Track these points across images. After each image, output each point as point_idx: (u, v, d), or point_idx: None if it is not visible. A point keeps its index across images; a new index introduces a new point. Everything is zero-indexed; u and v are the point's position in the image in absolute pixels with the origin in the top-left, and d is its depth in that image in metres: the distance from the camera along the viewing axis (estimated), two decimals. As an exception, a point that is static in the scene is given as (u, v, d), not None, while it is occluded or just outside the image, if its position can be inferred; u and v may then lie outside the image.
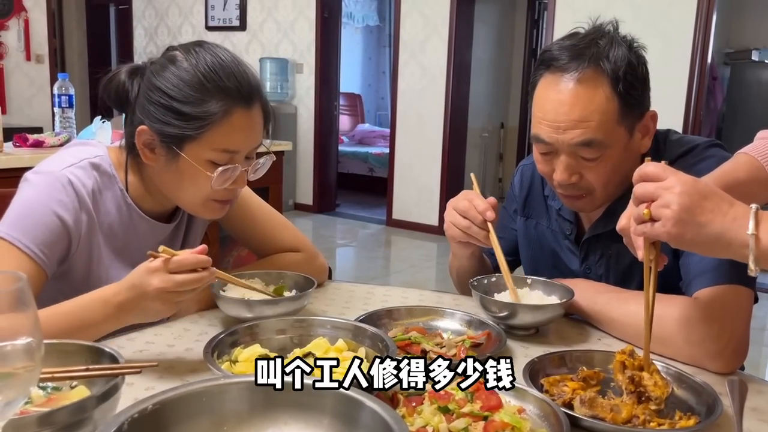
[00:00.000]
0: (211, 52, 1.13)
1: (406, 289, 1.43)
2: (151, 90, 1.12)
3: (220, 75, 1.10)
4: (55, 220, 1.10)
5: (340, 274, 5.20)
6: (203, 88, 1.09)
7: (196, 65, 1.11)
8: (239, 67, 1.14)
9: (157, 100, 1.11)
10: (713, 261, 1.09)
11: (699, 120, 5.00)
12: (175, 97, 1.10)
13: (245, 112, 1.12)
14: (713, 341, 1.04)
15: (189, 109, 1.09)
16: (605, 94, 1.13)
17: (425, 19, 6.15)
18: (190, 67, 1.11)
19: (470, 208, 1.24)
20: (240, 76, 1.12)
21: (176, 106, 1.09)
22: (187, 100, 1.09)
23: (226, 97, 1.10)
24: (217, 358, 0.90)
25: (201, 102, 1.09)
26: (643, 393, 0.87)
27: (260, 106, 1.16)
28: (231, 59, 1.14)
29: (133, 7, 8.34)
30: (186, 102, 1.09)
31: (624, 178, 1.23)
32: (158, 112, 1.11)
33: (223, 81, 1.10)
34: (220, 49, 1.15)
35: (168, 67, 1.12)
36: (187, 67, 1.11)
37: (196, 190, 1.15)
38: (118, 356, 0.78)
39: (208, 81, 1.09)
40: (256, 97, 1.14)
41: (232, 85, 1.10)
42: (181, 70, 1.11)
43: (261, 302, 1.11)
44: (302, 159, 7.12)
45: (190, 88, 1.09)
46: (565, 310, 1.18)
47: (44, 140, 2.59)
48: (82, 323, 0.97)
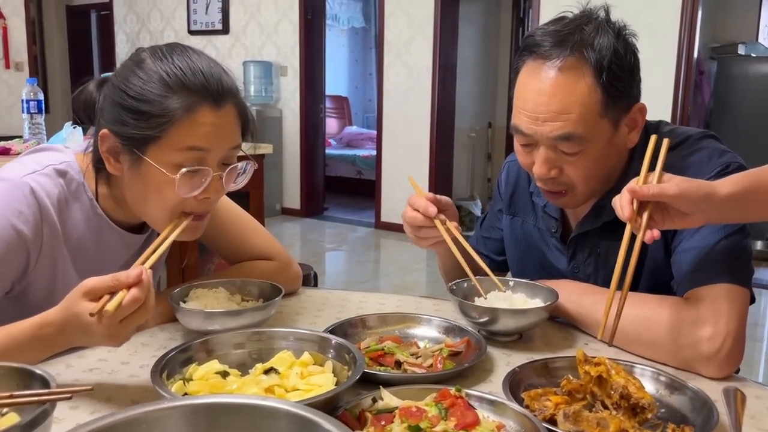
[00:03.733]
0: (180, 52, 1.05)
1: (384, 295, 1.36)
2: (112, 93, 1.04)
3: (184, 72, 1.01)
4: (11, 233, 1.00)
5: (330, 279, 5.12)
6: (164, 86, 1.00)
7: (159, 64, 1.02)
8: (211, 67, 1.04)
9: (118, 101, 1.02)
10: (707, 258, 1.03)
11: (687, 115, 4.96)
12: (134, 96, 1.01)
13: (213, 111, 1.01)
14: (706, 344, 0.97)
15: (148, 107, 1.00)
16: (587, 84, 1.06)
17: (409, 18, 6.09)
18: (154, 66, 1.02)
19: (412, 212, 1.19)
20: (208, 75, 1.02)
21: (136, 105, 1.00)
22: (146, 98, 1.00)
23: (191, 95, 1.00)
24: (167, 378, 0.82)
25: (161, 99, 0.99)
26: (636, 404, 0.80)
27: (234, 108, 1.05)
28: (200, 59, 1.05)
29: (114, 13, 8.23)
30: (145, 100, 1.00)
31: (609, 173, 1.16)
32: (118, 113, 1.02)
33: (187, 77, 1.01)
34: (194, 51, 1.06)
35: (132, 69, 1.03)
36: (151, 67, 1.02)
37: (162, 201, 1.03)
38: (50, 380, 0.70)
39: (170, 77, 1.00)
40: (227, 98, 1.03)
41: (197, 82, 1.01)
42: (144, 71, 1.02)
43: (223, 314, 1.04)
44: (288, 163, 7.04)
45: (151, 86, 1.00)
46: (549, 314, 1.11)
47: (11, 147, 2.50)
48: (9, 357, 0.86)
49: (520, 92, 1.12)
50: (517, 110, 1.12)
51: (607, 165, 1.14)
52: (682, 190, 0.87)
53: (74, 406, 0.84)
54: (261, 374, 0.87)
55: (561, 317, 1.19)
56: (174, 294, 1.09)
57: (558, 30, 1.08)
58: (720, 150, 1.12)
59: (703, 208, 0.90)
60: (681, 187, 0.87)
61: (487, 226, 1.48)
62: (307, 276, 3.34)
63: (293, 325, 1.17)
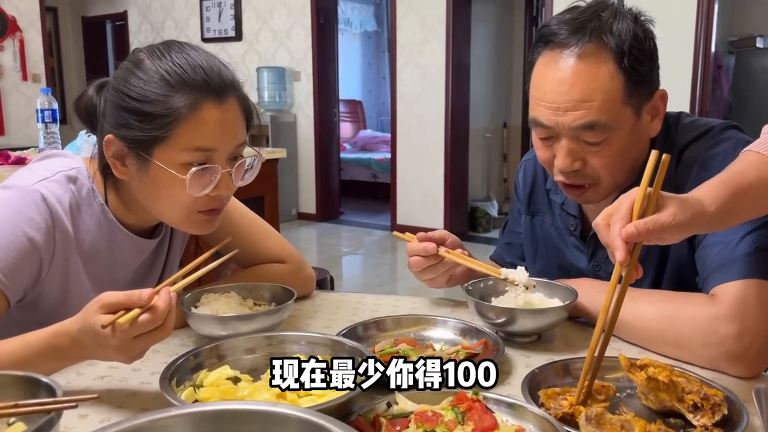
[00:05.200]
0: (177, 49, 1.03)
1: (399, 297, 1.33)
2: (114, 96, 1.02)
3: (184, 69, 0.99)
4: (24, 240, 0.99)
5: (347, 282, 5.11)
6: (166, 85, 0.99)
7: (158, 63, 1.01)
8: (210, 61, 1.03)
9: (120, 104, 1.01)
10: (733, 253, 0.99)
11: (705, 110, 4.88)
12: (136, 98, 0.99)
13: (217, 106, 1.00)
14: (734, 342, 0.94)
15: (152, 108, 0.98)
16: (609, 70, 1.03)
17: (422, 20, 6.07)
18: (153, 65, 1.01)
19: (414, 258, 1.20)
20: (209, 70, 1.01)
21: (139, 107, 0.99)
22: (148, 99, 0.98)
23: (193, 91, 0.99)
24: (177, 385, 0.80)
25: (164, 99, 0.98)
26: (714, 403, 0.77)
27: (237, 101, 1.04)
28: (199, 54, 1.03)
29: (129, 23, 8.32)
30: (148, 101, 0.98)
31: (632, 164, 1.12)
32: (121, 116, 1.01)
33: (188, 74, 0.99)
34: (191, 47, 1.05)
35: (131, 70, 1.02)
36: (150, 66, 1.01)
37: (175, 201, 1.03)
38: (57, 388, 0.68)
39: (171, 76, 0.99)
40: (229, 92, 1.03)
41: (198, 78, 0.99)
42: (144, 71, 1.01)
43: (235, 318, 1.02)
44: (303, 168, 7.05)
45: (153, 86, 0.99)
46: (568, 313, 1.08)
47: (26, 157, 2.51)
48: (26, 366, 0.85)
49: (538, 83, 1.09)
50: (535, 102, 1.09)
51: (631, 155, 1.10)
52: (678, 221, 0.78)
53: (84, 415, 0.83)
54: (273, 379, 0.85)
55: (581, 317, 1.15)
56: (185, 299, 1.08)
57: (574, 18, 1.06)
58: (744, 140, 1.08)
59: (696, 230, 0.85)
60: (677, 219, 0.78)
61: (509, 232, 1.45)
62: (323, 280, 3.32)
63: (307, 328, 1.15)
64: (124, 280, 1.18)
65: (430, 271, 1.20)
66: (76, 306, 1.02)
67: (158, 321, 0.82)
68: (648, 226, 0.77)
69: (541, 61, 1.08)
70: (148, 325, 0.81)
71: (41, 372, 0.84)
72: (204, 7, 7.47)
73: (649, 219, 0.77)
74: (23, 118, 6.65)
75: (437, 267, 1.20)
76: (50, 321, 0.90)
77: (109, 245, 1.13)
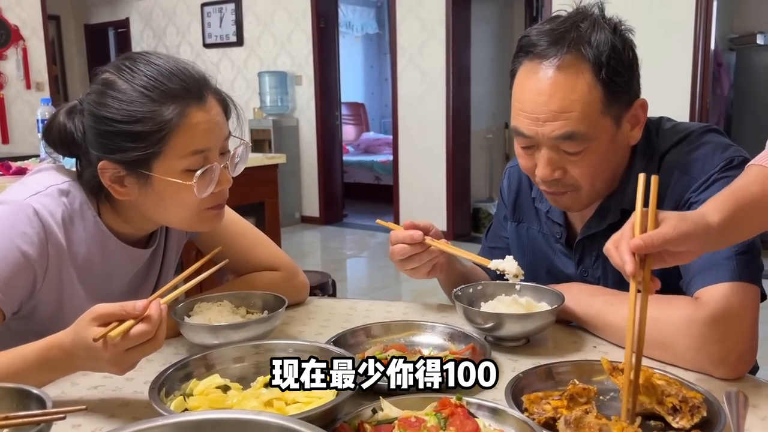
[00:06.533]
0: (143, 60, 1.05)
1: (390, 303, 1.35)
2: (96, 123, 1.04)
3: (160, 80, 1.02)
4: (17, 254, 1.01)
5: (351, 285, 5.12)
6: (149, 100, 1.01)
7: (132, 80, 1.02)
8: (178, 65, 1.06)
9: (107, 131, 1.03)
10: (715, 257, 1.00)
11: (706, 108, 4.87)
12: (122, 120, 1.01)
13: (200, 108, 1.04)
14: (717, 345, 0.95)
15: (142, 127, 1.01)
16: (587, 81, 1.05)
17: (422, 22, 6.08)
18: (127, 84, 1.02)
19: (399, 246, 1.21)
20: (182, 74, 1.04)
21: (128, 129, 1.01)
22: (136, 119, 1.01)
23: (176, 100, 1.02)
24: (166, 395, 0.82)
25: (152, 115, 1.01)
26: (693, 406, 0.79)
27: (214, 97, 1.08)
28: (166, 61, 1.06)
29: (131, 30, 8.37)
30: (136, 121, 1.01)
31: (614, 172, 1.14)
32: (112, 142, 1.03)
33: (165, 85, 1.02)
34: (153, 55, 1.07)
35: (105, 93, 1.03)
36: (124, 86, 1.02)
37: (184, 206, 1.07)
38: (47, 400, 0.71)
39: (151, 91, 1.01)
40: (206, 90, 1.06)
41: (177, 86, 1.03)
42: (120, 92, 1.02)
43: (226, 327, 1.03)
44: (306, 171, 7.07)
45: (135, 105, 1.01)
46: (556, 317, 1.09)
47: (27, 167, 2.54)
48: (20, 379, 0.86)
49: (519, 94, 1.11)
50: (516, 112, 1.11)
51: (612, 164, 1.12)
52: (680, 232, 0.81)
53: (76, 424, 0.84)
54: (261, 387, 0.87)
55: (572, 321, 1.17)
56: (178, 309, 1.10)
57: (553, 29, 1.07)
58: (723, 144, 1.10)
59: (701, 244, 0.86)
60: (679, 230, 0.81)
61: (494, 236, 1.46)
62: (325, 284, 3.34)
63: (300, 335, 1.17)
64: (119, 291, 1.20)
65: (413, 260, 1.20)
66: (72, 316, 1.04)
67: (150, 333, 0.84)
68: (651, 236, 0.81)
69: (522, 71, 1.10)
70: (141, 337, 0.83)
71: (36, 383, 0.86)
72: (205, 12, 7.51)
73: (652, 231, 0.81)
74: (27, 127, 6.68)
75: (422, 256, 1.20)
76: (46, 331, 0.92)
77: (103, 256, 1.14)
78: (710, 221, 0.84)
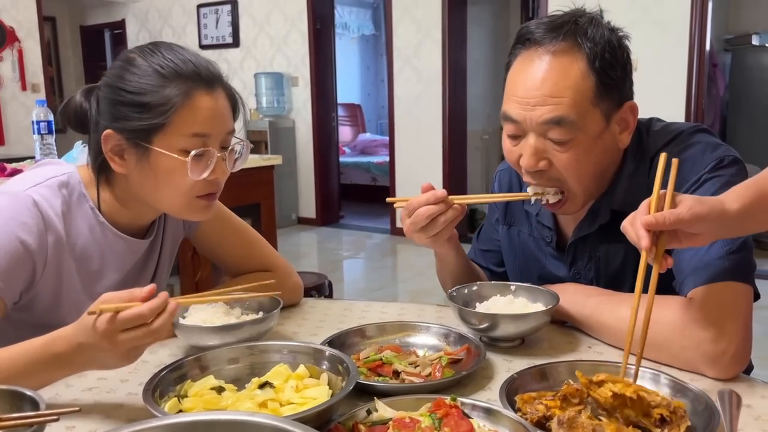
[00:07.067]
0: (166, 47, 1.11)
1: (386, 304, 1.35)
2: (109, 93, 1.08)
3: (175, 62, 1.07)
4: (17, 244, 1.03)
5: (347, 287, 5.12)
6: (160, 77, 1.06)
7: (150, 59, 1.08)
8: (197, 57, 1.12)
9: (117, 100, 1.07)
10: (708, 256, 1.00)
11: (701, 108, 4.88)
12: (133, 91, 1.06)
13: (207, 95, 1.08)
14: (711, 345, 0.95)
15: (149, 98, 1.05)
16: (581, 69, 1.05)
17: (417, 24, 6.09)
18: (145, 61, 1.08)
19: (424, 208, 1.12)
20: (197, 62, 1.10)
21: (136, 99, 1.06)
22: (145, 90, 1.06)
23: (185, 81, 1.07)
24: (160, 396, 0.82)
25: (160, 89, 1.05)
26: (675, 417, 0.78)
27: (224, 92, 1.12)
28: (187, 51, 1.12)
29: (127, 31, 8.35)
30: (145, 93, 1.05)
31: (602, 172, 1.14)
32: (119, 110, 1.07)
33: (179, 66, 1.07)
34: (178, 46, 1.13)
35: (124, 68, 1.09)
36: (143, 63, 1.08)
37: (176, 187, 1.08)
38: (40, 401, 0.70)
39: (164, 69, 1.06)
40: (217, 83, 1.11)
41: (189, 70, 1.08)
42: (137, 67, 1.08)
43: (221, 328, 1.03)
44: (303, 172, 7.06)
45: (147, 79, 1.06)
46: (551, 318, 1.10)
47: (23, 169, 2.54)
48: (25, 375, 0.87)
49: (512, 80, 1.11)
50: (507, 97, 1.11)
51: (599, 163, 1.12)
52: (694, 213, 0.83)
53: (71, 426, 0.84)
54: (256, 389, 0.87)
55: (567, 321, 1.17)
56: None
57: (552, 20, 1.09)
58: (713, 144, 1.10)
59: (716, 228, 0.88)
60: (694, 211, 0.84)
61: (485, 238, 1.46)
62: (322, 285, 3.34)
63: (294, 337, 1.17)
64: (116, 281, 1.20)
65: (438, 222, 1.12)
66: (69, 308, 1.04)
67: (146, 318, 0.81)
68: (665, 215, 0.84)
69: (518, 60, 1.11)
70: (136, 320, 0.81)
71: (39, 381, 0.88)
72: (201, 14, 7.50)
73: (666, 211, 0.85)
74: (23, 128, 6.67)
75: (447, 214, 1.12)
76: (44, 322, 0.94)
77: (101, 247, 1.16)
78: (728, 208, 0.87)
